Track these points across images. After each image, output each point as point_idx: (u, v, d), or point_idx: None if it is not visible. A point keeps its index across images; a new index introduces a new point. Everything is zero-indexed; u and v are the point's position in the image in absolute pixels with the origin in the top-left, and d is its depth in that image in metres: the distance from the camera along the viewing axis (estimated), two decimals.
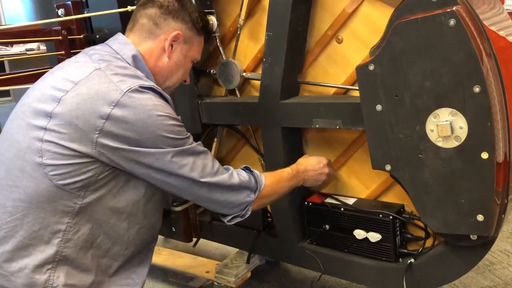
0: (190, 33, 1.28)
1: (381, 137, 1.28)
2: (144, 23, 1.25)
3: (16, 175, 1.09)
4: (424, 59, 1.16)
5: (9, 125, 1.16)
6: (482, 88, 1.09)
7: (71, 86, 1.08)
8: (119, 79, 1.09)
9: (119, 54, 1.20)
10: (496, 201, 1.16)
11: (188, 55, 1.30)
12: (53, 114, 1.07)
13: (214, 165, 1.20)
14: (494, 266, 2.03)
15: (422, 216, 1.29)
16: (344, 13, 1.46)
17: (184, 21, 1.26)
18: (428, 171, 1.23)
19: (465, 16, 1.10)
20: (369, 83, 1.26)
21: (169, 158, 1.11)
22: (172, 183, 1.15)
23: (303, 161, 1.50)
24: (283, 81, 1.52)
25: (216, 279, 1.79)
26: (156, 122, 1.08)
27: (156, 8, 1.24)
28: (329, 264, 1.60)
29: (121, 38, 1.25)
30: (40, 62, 2.27)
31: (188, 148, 1.14)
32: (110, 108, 1.05)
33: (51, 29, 1.84)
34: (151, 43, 1.24)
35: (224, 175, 1.21)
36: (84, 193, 1.09)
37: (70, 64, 1.18)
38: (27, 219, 1.08)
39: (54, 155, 1.06)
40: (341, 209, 1.54)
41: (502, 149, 1.14)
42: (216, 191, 1.20)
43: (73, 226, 1.10)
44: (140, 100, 1.08)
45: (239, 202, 1.25)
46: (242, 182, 1.24)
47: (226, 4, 1.73)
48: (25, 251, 1.08)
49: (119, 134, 1.07)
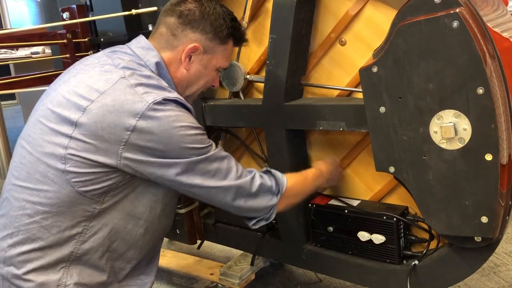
0: (211, 43, 1.24)
1: (385, 139, 1.28)
2: (163, 32, 1.23)
3: (38, 179, 1.10)
4: (428, 61, 1.16)
5: (31, 128, 1.16)
6: (485, 90, 1.09)
7: (97, 95, 1.09)
8: (144, 91, 1.09)
9: (143, 61, 1.19)
10: (500, 203, 1.15)
11: (209, 65, 1.28)
12: (78, 123, 1.07)
13: (238, 169, 1.21)
14: (499, 268, 2.03)
15: (426, 218, 1.29)
16: (347, 16, 1.47)
17: (204, 31, 1.22)
18: (432, 173, 1.23)
19: (468, 18, 1.10)
20: (372, 85, 1.27)
21: (193, 166, 1.12)
22: (197, 192, 1.16)
23: (321, 162, 1.52)
24: (286, 84, 1.52)
25: (220, 281, 1.79)
26: (180, 132, 1.09)
27: (175, 18, 1.22)
28: (333, 266, 1.60)
29: (143, 42, 1.24)
30: (45, 65, 2.29)
31: (211, 155, 1.15)
32: (136, 120, 1.06)
33: (56, 33, 1.85)
34: (169, 53, 1.23)
35: (247, 177, 1.21)
36: (103, 198, 1.11)
37: (94, 68, 1.16)
38: (45, 222, 1.09)
39: (78, 163, 1.07)
40: (345, 211, 1.54)
41: (506, 151, 1.13)
42: (239, 198, 1.20)
43: (90, 229, 1.12)
44: (164, 111, 1.08)
45: (262, 206, 1.25)
46: (263, 186, 1.24)
47: (229, 7, 1.73)
48: (41, 252, 1.10)
49: (145, 146, 1.08)
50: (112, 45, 1.76)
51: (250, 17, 1.64)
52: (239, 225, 1.83)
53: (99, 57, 1.21)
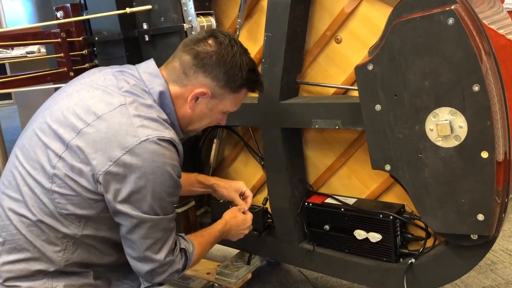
0: (221, 90, 1.19)
1: (381, 137, 1.28)
2: (176, 67, 1.19)
3: (26, 192, 1.10)
4: (423, 58, 1.15)
5: (27, 139, 1.15)
6: (481, 87, 1.09)
7: (93, 119, 1.08)
8: (141, 123, 1.08)
9: (147, 87, 1.17)
10: (496, 200, 1.15)
11: (215, 109, 1.24)
12: (69, 145, 1.07)
13: (170, 247, 1.18)
14: (496, 265, 2.03)
15: (423, 216, 1.29)
16: (343, 13, 1.46)
17: (216, 78, 1.17)
18: (428, 171, 1.22)
19: (464, 15, 1.10)
20: (368, 83, 1.26)
21: (142, 224, 1.10)
22: (124, 233, 1.13)
23: (232, 219, 1.49)
24: (282, 82, 1.52)
25: (216, 280, 1.78)
26: (157, 180, 1.07)
27: (191, 57, 1.17)
28: (329, 264, 1.59)
29: (152, 67, 1.21)
30: (41, 64, 2.27)
31: (163, 219, 1.13)
32: (122, 153, 1.05)
33: (50, 32, 1.84)
34: (177, 88, 1.19)
35: (170, 258, 1.18)
36: (83, 224, 1.11)
37: (98, 88, 1.15)
38: (30, 234, 1.10)
39: (63, 184, 1.07)
40: (341, 209, 1.53)
41: (502, 148, 1.13)
42: (152, 272, 1.17)
43: (72, 246, 1.12)
44: (153, 154, 1.06)
45: (163, 280, 1.22)
46: (173, 267, 1.21)
47: (224, 5, 1.73)
48: (26, 264, 1.10)
49: (118, 177, 1.06)
50: (107, 44, 1.77)
51: (246, 15, 1.64)
52: None
53: (105, 74, 1.20)
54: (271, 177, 1.64)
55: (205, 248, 1.38)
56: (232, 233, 1.49)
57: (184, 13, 1.63)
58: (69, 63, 1.83)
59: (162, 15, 1.64)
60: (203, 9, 1.67)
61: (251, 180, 1.85)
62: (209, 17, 1.67)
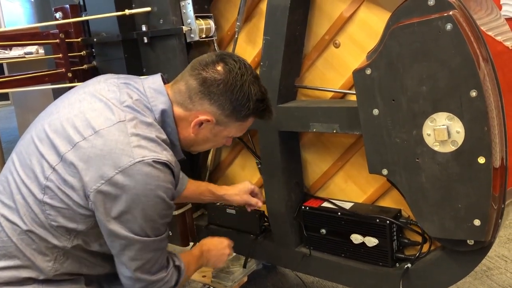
0: (226, 118, 1.17)
1: (378, 142, 1.28)
2: (182, 90, 1.16)
3: (19, 201, 1.10)
4: (421, 64, 1.16)
5: (25, 145, 1.15)
6: (479, 93, 1.09)
7: (90, 133, 1.07)
8: (138, 143, 1.06)
9: (150, 104, 1.14)
10: (493, 206, 1.15)
11: (220, 135, 1.22)
12: (64, 157, 1.06)
13: (162, 264, 1.18)
14: (492, 271, 2.03)
15: (419, 221, 1.29)
16: (342, 18, 1.47)
17: (222, 107, 1.14)
18: (425, 176, 1.22)
19: (462, 21, 1.10)
20: (366, 87, 1.26)
21: (133, 243, 1.09)
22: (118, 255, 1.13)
23: (207, 241, 1.50)
24: (280, 85, 1.52)
25: (212, 283, 1.78)
26: (149, 202, 1.06)
27: (198, 83, 1.14)
28: (326, 268, 1.59)
29: (158, 83, 1.18)
30: (39, 65, 2.27)
31: (155, 240, 1.12)
32: (115, 172, 1.03)
33: (48, 32, 1.84)
34: (181, 111, 1.17)
35: (162, 275, 1.18)
36: (73, 237, 1.11)
37: (100, 101, 1.12)
38: (21, 242, 1.09)
39: (55, 196, 1.07)
40: (338, 214, 1.53)
41: (499, 154, 1.14)
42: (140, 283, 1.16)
43: (62, 256, 1.12)
44: (147, 176, 1.04)
45: None
46: (167, 287, 1.20)
47: (223, 8, 1.73)
48: (16, 271, 1.10)
49: (109, 196, 1.05)
50: (105, 45, 1.77)
51: (244, 18, 1.64)
52: (231, 227, 1.82)
53: (110, 85, 1.17)
54: (268, 180, 1.64)
55: (190, 269, 1.36)
56: (212, 254, 1.47)
57: (183, 16, 1.63)
58: (67, 64, 1.83)
59: (161, 17, 1.64)
60: (202, 12, 1.67)
61: None
62: (208, 20, 1.68)
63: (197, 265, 1.42)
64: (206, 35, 1.67)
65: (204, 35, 1.66)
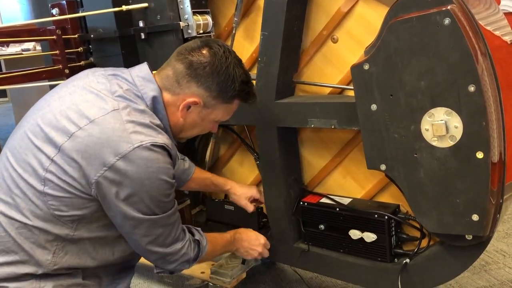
0: (214, 100, 1.20)
1: (376, 137, 1.28)
2: (169, 75, 1.19)
3: (17, 195, 1.10)
4: (419, 58, 1.15)
5: (18, 141, 1.15)
6: (477, 88, 1.09)
7: (86, 123, 1.07)
8: (134, 129, 1.07)
9: (140, 92, 1.16)
10: (491, 201, 1.15)
11: (207, 118, 1.25)
12: (61, 148, 1.07)
13: (176, 234, 1.21)
14: (490, 266, 2.03)
15: (417, 216, 1.29)
16: (339, 13, 1.46)
17: (209, 89, 1.18)
18: (423, 171, 1.22)
19: (460, 15, 1.10)
20: (364, 83, 1.26)
21: (142, 222, 1.12)
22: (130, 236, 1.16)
23: (244, 231, 1.56)
24: (278, 81, 1.51)
25: (211, 279, 1.77)
26: (153, 184, 1.08)
27: (184, 66, 1.17)
28: (324, 264, 1.59)
29: (145, 71, 1.21)
30: (36, 62, 2.26)
31: (163, 217, 1.15)
32: (116, 159, 1.05)
33: (45, 29, 1.83)
34: (169, 96, 1.20)
35: (178, 246, 1.22)
36: (76, 225, 1.11)
37: (91, 92, 1.14)
38: (19, 237, 1.09)
39: (56, 187, 1.07)
40: (336, 209, 1.53)
41: (497, 149, 1.13)
42: (160, 260, 1.22)
43: (62, 249, 1.12)
44: (147, 160, 1.06)
45: (174, 269, 1.27)
46: (185, 257, 1.25)
47: (221, 3, 1.73)
48: (14, 267, 1.10)
49: (114, 182, 1.06)
50: (102, 41, 1.76)
51: (242, 14, 1.63)
52: (230, 223, 1.82)
53: (99, 77, 1.19)
54: (266, 176, 1.64)
55: (216, 248, 1.41)
56: (243, 245, 1.53)
57: (180, 11, 1.62)
58: (64, 61, 1.82)
59: (158, 13, 1.64)
60: (200, 8, 1.67)
61: (246, 179, 1.84)
62: (206, 15, 1.67)
63: (224, 249, 1.46)
64: (203, 31, 1.66)
65: (201, 31, 1.65)
